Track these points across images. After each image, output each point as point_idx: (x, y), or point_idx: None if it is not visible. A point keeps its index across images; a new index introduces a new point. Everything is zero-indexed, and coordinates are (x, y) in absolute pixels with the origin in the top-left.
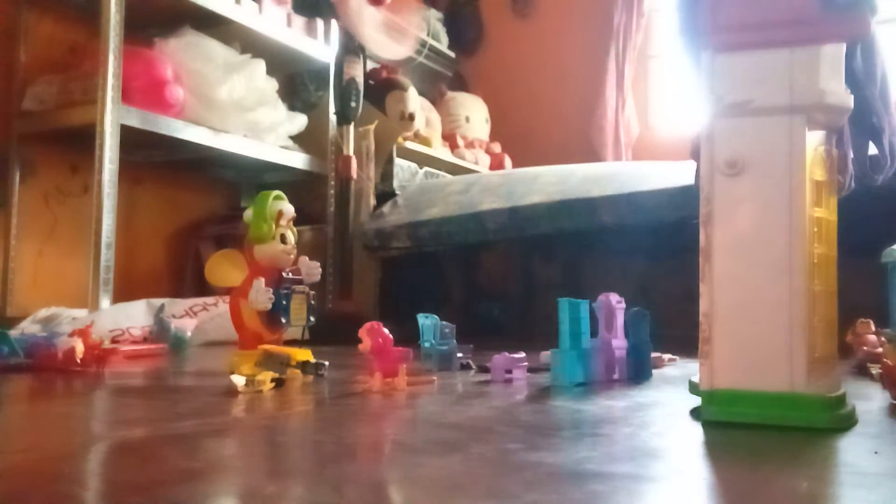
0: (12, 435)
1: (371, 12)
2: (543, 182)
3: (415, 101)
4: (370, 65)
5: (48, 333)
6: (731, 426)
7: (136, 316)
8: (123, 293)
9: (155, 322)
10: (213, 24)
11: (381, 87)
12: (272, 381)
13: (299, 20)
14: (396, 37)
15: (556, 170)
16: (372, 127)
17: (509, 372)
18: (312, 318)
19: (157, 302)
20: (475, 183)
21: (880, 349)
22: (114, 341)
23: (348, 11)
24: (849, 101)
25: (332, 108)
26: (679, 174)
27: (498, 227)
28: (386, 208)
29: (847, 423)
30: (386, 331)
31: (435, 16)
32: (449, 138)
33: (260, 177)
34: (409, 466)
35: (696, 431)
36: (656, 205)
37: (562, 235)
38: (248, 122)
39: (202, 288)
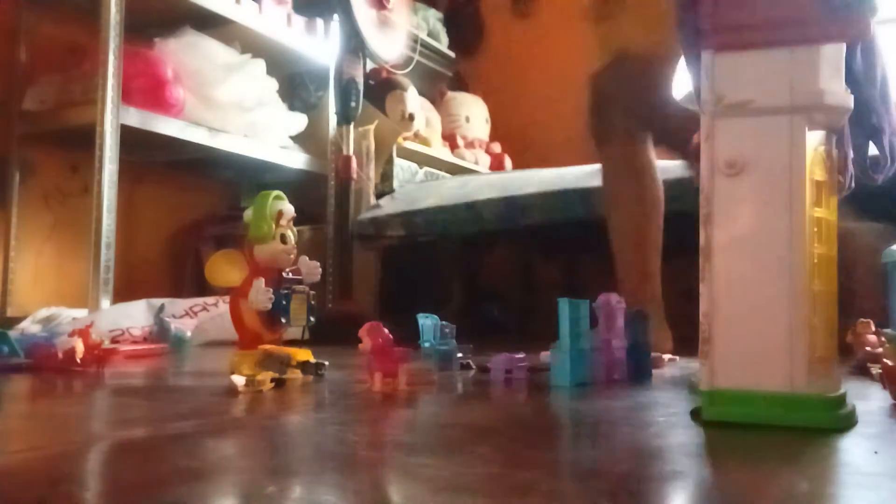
0: (12, 435)
1: (371, 14)
2: (541, 177)
3: (415, 101)
4: (370, 65)
5: (48, 333)
6: (731, 426)
7: (136, 316)
8: (123, 293)
9: (155, 322)
10: (213, 24)
11: (381, 87)
12: (272, 381)
13: (299, 20)
14: (390, 37)
15: (556, 169)
16: (372, 127)
17: (509, 372)
18: (312, 318)
19: (157, 302)
20: (472, 179)
21: (880, 349)
22: (114, 341)
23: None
24: (849, 101)
25: (332, 108)
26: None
27: (493, 216)
28: (383, 201)
29: (847, 423)
30: (386, 331)
31: (435, 16)
32: (449, 138)
33: (260, 177)
34: (410, 466)
35: (696, 431)
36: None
37: (561, 231)
38: (248, 122)
39: (202, 288)
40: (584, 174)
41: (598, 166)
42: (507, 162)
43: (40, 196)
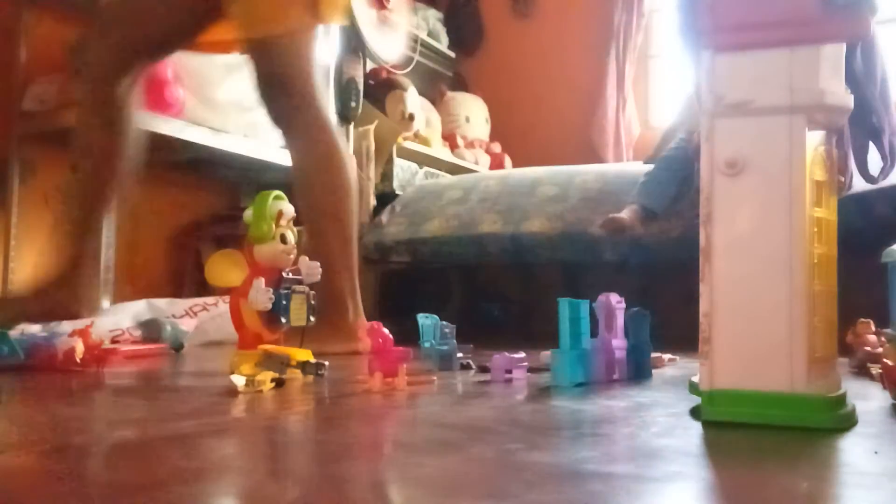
0: (12, 435)
1: (371, 14)
2: (542, 196)
3: (415, 101)
4: (370, 65)
5: (48, 333)
6: (731, 426)
7: (136, 316)
8: (123, 293)
9: (137, 325)
10: None
11: (381, 87)
12: (272, 381)
13: None
14: (390, 37)
15: (556, 176)
16: (372, 127)
17: (509, 372)
18: (312, 318)
19: (158, 302)
20: (473, 188)
21: (880, 349)
22: (114, 341)
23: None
24: (849, 101)
25: (332, 108)
26: None
27: (499, 251)
28: (384, 216)
29: (847, 423)
30: (386, 331)
31: (435, 16)
32: (449, 138)
33: (260, 177)
34: (409, 466)
35: (696, 431)
36: (659, 247)
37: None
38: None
39: (202, 288)
40: (586, 198)
41: (596, 174)
42: (507, 162)
43: (40, 196)
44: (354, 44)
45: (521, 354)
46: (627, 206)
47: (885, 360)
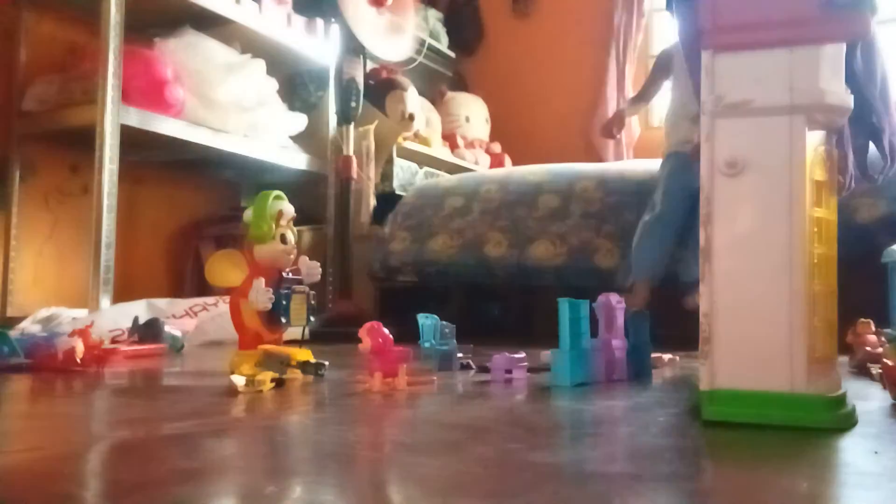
0: (12, 435)
1: (371, 13)
2: (544, 209)
3: (415, 101)
4: (370, 65)
5: (48, 333)
6: (731, 426)
7: (136, 316)
8: (123, 293)
9: (134, 328)
10: (213, 24)
11: (381, 87)
12: (272, 381)
13: (299, 20)
14: (396, 37)
15: (556, 180)
16: (372, 127)
17: (509, 372)
18: (312, 318)
19: (158, 302)
20: (474, 197)
21: (880, 349)
22: (114, 341)
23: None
24: (849, 101)
25: (332, 108)
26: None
27: (506, 275)
28: (387, 227)
29: (847, 423)
30: (386, 331)
31: (435, 16)
32: (449, 138)
33: (260, 177)
34: (409, 466)
35: (696, 431)
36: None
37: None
38: (248, 122)
39: (202, 288)
40: (587, 215)
41: (598, 179)
42: (507, 162)
43: (40, 196)
44: (354, 44)
45: (521, 354)
46: (635, 286)
47: (885, 360)
